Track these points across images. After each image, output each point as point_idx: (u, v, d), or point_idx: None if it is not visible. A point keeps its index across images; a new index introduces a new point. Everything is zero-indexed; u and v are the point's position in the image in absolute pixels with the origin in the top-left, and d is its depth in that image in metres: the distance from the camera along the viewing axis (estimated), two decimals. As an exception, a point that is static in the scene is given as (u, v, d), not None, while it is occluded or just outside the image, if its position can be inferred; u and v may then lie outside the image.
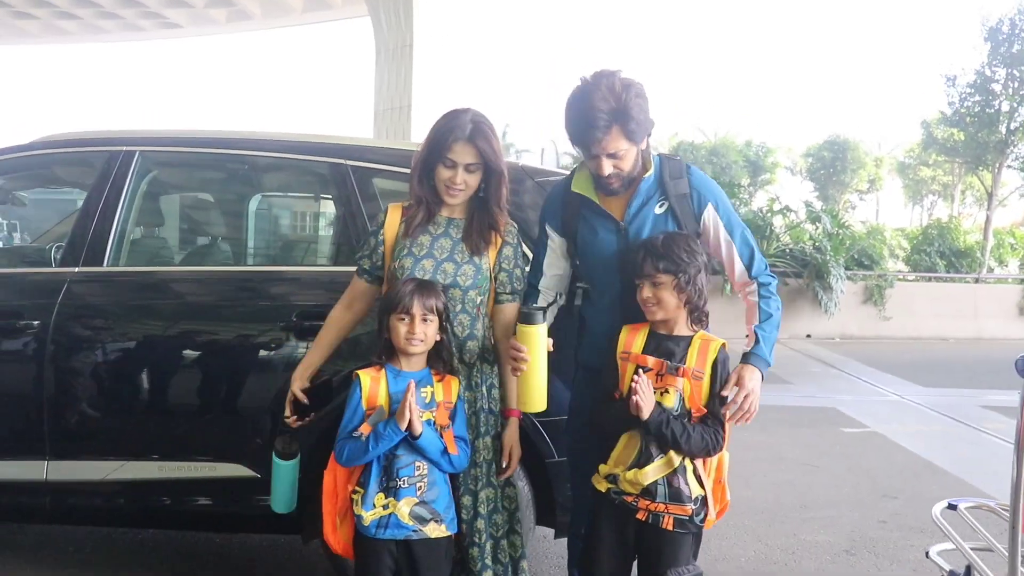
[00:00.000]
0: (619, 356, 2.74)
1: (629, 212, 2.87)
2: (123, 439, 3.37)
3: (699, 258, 2.72)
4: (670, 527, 2.62)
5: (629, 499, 2.65)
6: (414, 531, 2.61)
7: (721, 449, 2.68)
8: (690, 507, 2.63)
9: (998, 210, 27.20)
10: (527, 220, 3.26)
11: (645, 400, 2.55)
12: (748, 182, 44.07)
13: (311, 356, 2.96)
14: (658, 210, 2.86)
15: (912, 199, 54.87)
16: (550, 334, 2.74)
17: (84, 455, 3.36)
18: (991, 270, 20.47)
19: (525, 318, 2.71)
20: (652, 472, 2.61)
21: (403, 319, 2.65)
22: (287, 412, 2.91)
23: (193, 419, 3.38)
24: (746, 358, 2.78)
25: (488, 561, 2.77)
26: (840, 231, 15.86)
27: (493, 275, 2.87)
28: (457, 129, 2.77)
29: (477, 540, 2.77)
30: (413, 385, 2.57)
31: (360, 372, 2.69)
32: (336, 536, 2.72)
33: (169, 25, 41.31)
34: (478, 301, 2.85)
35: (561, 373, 3.01)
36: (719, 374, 2.65)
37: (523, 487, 3.25)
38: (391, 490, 2.61)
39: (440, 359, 2.73)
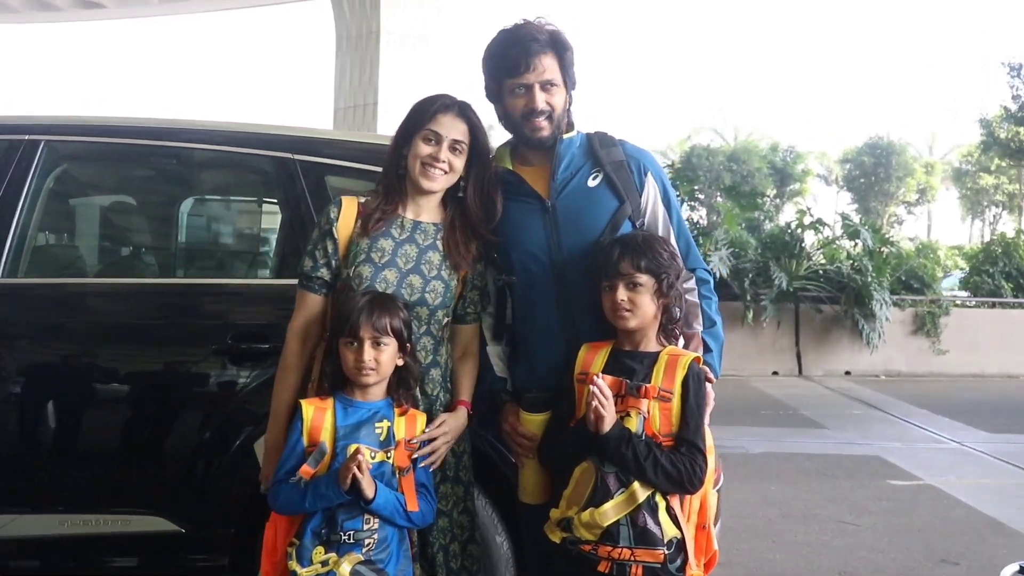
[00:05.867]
0: (576, 378, 2.72)
1: (555, 184, 2.86)
2: (14, 488, 3.31)
3: (679, 262, 2.77)
4: None
5: (587, 548, 2.56)
6: None
7: (701, 484, 2.60)
8: (662, 551, 2.54)
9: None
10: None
11: (606, 408, 2.51)
12: (774, 193, 44.44)
13: (273, 428, 2.77)
14: (591, 183, 2.88)
15: (971, 211, 55.33)
16: None
17: None
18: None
19: (530, 406, 2.78)
20: (612, 510, 2.53)
21: (350, 344, 2.61)
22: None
23: (104, 463, 3.34)
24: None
25: None
26: (884, 249, 15.90)
27: (460, 292, 2.86)
28: (446, 99, 2.80)
29: None
30: (363, 455, 2.49)
31: (303, 401, 2.65)
32: None
33: (89, 5, 41.38)
34: (444, 323, 2.84)
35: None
36: (692, 393, 2.61)
37: (502, 542, 3.24)
38: (333, 544, 2.55)
39: (404, 388, 2.69)
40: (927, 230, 54.71)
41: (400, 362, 2.66)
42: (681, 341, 2.86)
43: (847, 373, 14.65)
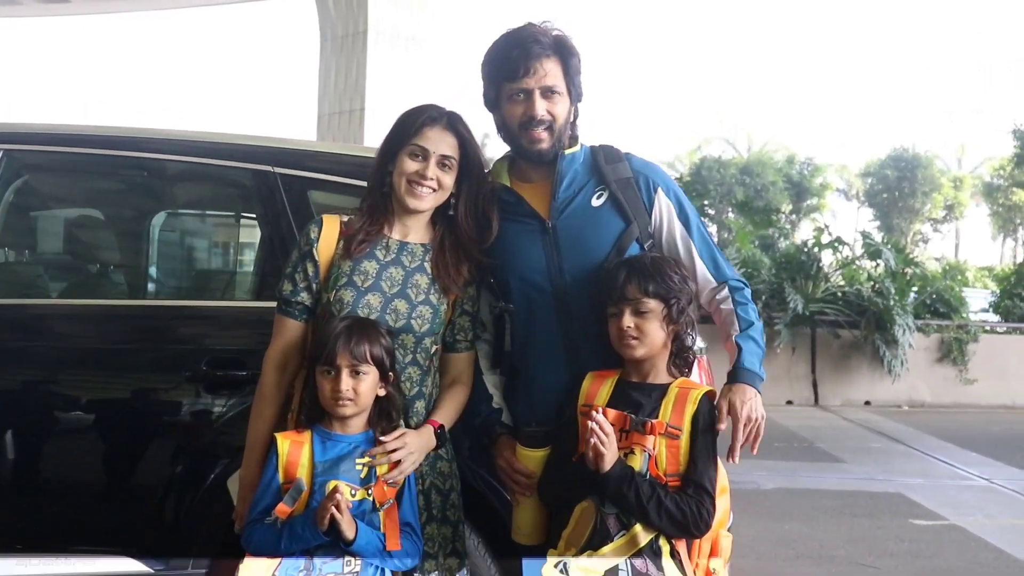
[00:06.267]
0: (580, 410, 2.71)
1: (556, 204, 2.85)
2: None
3: (690, 285, 2.75)
4: None
5: None
6: None
7: (707, 528, 2.60)
8: None
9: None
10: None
11: (607, 445, 2.49)
12: (790, 208, 44.40)
13: (248, 464, 2.78)
14: (596, 202, 2.86)
15: (1002, 229, 55.22)
16: None
17: None
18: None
19: (528, 440, 2.77)
20: (610, 554, 2.53)
21: (327, 372, 2.61)
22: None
23: (68, 499, 3.33)
24: (733, 376, 2.77)
25: None
26: (908, 270, 15.92)
27: (449, 318, 2.87)
28: (432, 111, 2.79)
29: None
30: (342, 494, 2.49)
31: (278, 434, 2.66)
32: None
33: (52, -1, 41.45)
34: (432, 351, 2.84)
35: None
36: (701, 430, 2.60)
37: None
38: None
39: (386, 420, 2.69)
40: (955, 249, 54.71)
41: (381, 392, 2.66)
42: (697, 374, 2.85)
43: (867, 403, 14.64)
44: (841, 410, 13.98)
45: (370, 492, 2.59)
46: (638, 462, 2.55)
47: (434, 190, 2.76)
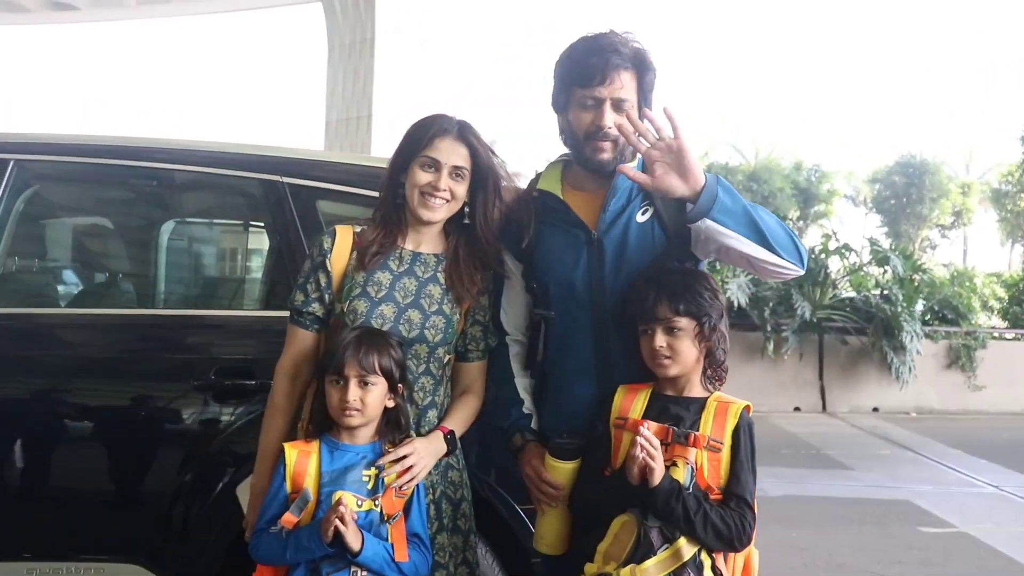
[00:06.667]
0: (613, 423, 2.68)
1: (604, 217, 2.80)
2: None
3: (721, 298, 2.71)
4: None
5: None
6: None
7: (749, 541, 2.60)
8: None
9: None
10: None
11: (656, 460, 2.46)
12: (797, 215, 44.31)
13: (259, 473, 2.79)
14: (641, 218, 2.81)
15: (1010, 235, 55.06)
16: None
17: None
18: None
19: (559, 452, 2.73)
20: (654, 567, 2.49)
21: (336, 382, 2.61)
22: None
23: (77, 506, 3.35)
24: None
25: None
26: (915, 276, 15.88)
27: (462, 328, 2.87)
28: (443, 121, 2.79)
29: None
30: (346, 505, 2.49)
31: (286, 444, 2.66)
32: None
33: (60, 6, 41.56)
34: (445, 360, 2.84)
35: None
36: (742, 444, 2.58)
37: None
38: None
39: (396, 429, 2.69)
40: (963, 255, 54.51)
41: (390, 403, 2.66)
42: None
43: (875, 410, 14.60)
44: (849, 417, 13.94)
45: (377, 503, 2.59)
46: (682, 475, 2.52)
47: (447, 201, 2.76)
